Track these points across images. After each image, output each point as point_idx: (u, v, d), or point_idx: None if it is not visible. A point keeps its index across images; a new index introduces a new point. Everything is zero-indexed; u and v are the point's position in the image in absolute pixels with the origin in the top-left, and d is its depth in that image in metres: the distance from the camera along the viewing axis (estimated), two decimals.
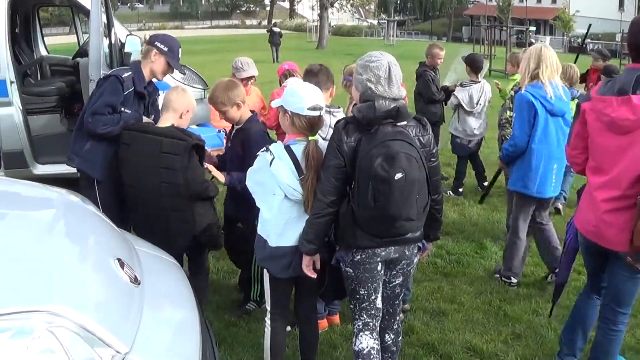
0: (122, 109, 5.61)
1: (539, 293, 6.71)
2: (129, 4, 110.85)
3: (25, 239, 3.58)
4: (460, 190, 10.36)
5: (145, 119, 5.76)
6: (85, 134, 5.72)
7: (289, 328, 5.36)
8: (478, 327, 5.98)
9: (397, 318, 4.64)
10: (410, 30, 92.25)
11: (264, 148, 4.42)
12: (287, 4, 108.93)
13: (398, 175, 3.86)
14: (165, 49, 5.74)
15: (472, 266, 7.43)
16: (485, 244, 8.10)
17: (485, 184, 10.35)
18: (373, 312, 4.39)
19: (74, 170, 6.07)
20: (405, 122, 4.10)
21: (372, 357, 4.37)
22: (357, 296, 4.36)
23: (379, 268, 4.28)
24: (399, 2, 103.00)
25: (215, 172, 5.44)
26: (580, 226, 4.70)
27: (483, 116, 10.06)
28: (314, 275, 4.40)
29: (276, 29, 41.36)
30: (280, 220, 4.35)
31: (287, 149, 4.31)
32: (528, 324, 6.04)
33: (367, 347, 4.37)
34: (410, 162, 3.91)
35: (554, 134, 6.31)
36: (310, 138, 4.33)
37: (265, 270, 4.65)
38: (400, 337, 4.71)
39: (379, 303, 4.40)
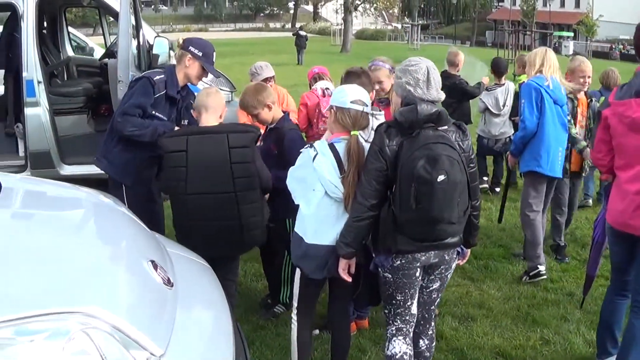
0: (153, 112, 5.62)
1: (567, 299, 6.66)
2: (152, 6, 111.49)
3: (59, 240, 3.59)
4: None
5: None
6: (116, 137, 5.74)
7: (317, 331, 5.35)
8: (506, 333, 5.94)
9: (432, 324, 4.61)
10: (434, 34, 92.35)
11: (308, 145, 4.46)
12: (310, 8, 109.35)
13: (441, 177, 3.86)
14: (200, 53, 5.70)
15: (499, 271, 7.39)
16: (513, 249, 8.06)
17: (498, 189, 10.71)
18: (407, 317, 4.36)
19: (100, 171, 6.09)
20: (445, 127, 4.12)
21: None
22: (394, 302, 4.33)
23: (417, 274, 4.26)
24: (422, 6, 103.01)
25: None
26: (611, 219, 4.84)
27: (507, 117, 10.40)
28: (350, 279, 4.38)
29: (302, 32, 41.82)
30: (319, 217, 4.36)
31: (331, 146, 4.34)
32: (556, 329, 6.00)
33: (399, 352, 4.34)
34: (452, 165, 3.92)
35: (557, 120, 6.80)
36: (352, 133, 4.34)
37: (297, 270, 4.65)
38: (434, 343, 4.69)
39: (414, 309, 4.38)
